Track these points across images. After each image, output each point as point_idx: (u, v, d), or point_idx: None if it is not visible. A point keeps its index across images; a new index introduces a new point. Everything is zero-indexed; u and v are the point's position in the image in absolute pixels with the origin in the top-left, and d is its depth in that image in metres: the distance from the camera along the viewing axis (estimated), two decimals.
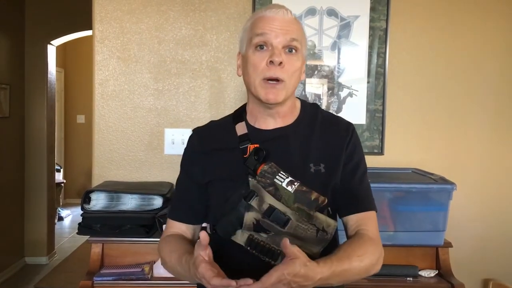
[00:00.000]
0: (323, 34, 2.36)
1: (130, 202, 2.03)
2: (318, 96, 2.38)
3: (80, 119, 7.36)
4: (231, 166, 1.18)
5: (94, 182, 2.34)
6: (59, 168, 6.47)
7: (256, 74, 1.15)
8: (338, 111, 2.37)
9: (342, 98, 2.38)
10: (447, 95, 2.41)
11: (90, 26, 2.37)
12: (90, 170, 2.40)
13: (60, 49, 6.08)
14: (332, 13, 2.35)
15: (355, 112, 2.37)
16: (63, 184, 6.67)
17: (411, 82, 2.40)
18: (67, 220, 6.52)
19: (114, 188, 2.09)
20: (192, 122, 2.36)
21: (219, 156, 1.21)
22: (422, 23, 2.38)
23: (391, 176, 2.15)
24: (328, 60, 2.37)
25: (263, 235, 1.07)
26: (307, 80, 2.37)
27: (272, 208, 1.06)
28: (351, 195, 1.20)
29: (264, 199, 1.07)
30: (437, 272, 2.02)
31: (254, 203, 1.07)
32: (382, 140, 2.38)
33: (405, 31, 2.38)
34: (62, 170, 6.82)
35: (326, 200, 1.09)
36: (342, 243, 1.15)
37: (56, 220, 5.61)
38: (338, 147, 1.19)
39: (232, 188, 1.12)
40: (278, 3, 1.32)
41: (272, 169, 1.10)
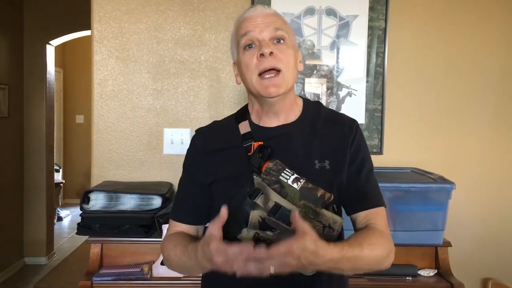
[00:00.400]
0: (322, 34, 2.36)
1: (129, 202, 2.03)
2: (317, 96, 2.38)
3: (79, 119, 7.36)
4: (235, 165, 1.17)
5: (93, 182, 2.34)
6: (58, 168, 6.46)
7: (251, 73, 1.15)
8: (337, 110, 2.37)
9: (341, 98, 2.38)
10: (447, 95, 2.41)
11: (89, 26, 2.37)
12: (89, 170, 2.40)
13: (59, 49, 6.08)
14: (331, 12, 2.35)
15: (354, 111, 2.37)
16: (62, 184, 6.67)
17: (410, 82, 2.40)
18: (66, 220, 6.52)
19: (113, 188, 2.09)
20: (191, 122, 2.36)
21: (223, 155, 1.21)
22: (421, 23, 2.38)
23: (390, 176, 2.15)
24: (327, 59, 2.37)
25: (269, 233, 1.06)
26: (306, 79, 2.37)
27: (277, 206, 1.05)
28: (359, 193, 1.19)
29: (270, 197, 1.07)
30: (436, 271, 2.02)
31: (260, 201, 1.06)
32: (381, 140, 2.38)
33: (404, 30, 2.38)
34: (61, 170, 6.82)
35: (332, 197, 1.09)
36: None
37: (55, 220, 5.61)
38: (342, 144, 1.19)
39: (237, 186, 1.11)
40: (277, 2, 1.33)
41: (277, 166, 1.09)
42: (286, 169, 1.09)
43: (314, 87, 2.38)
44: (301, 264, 0.94)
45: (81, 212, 2.01)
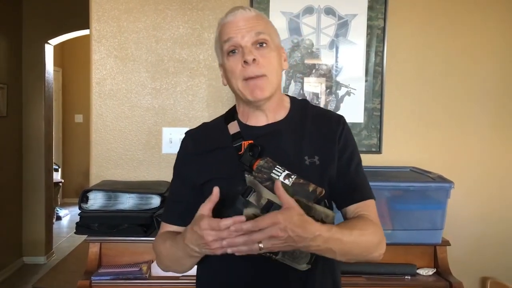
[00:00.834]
0: (321, 33, 2.35)
1: (127, 202, 2.02)
2: (316, 95, 2.38)
3: (78, 118, 7.35)
4: (226, 165, 1.19)
5: (92, 181, 2.34)
6: (57, 167, 6.46)
7: (235, 78, 1.18)
8: (336, 109, 2.37)
9: (340, 97, 2.38)
10: (446, 94, 2.41)
11: (87, 25, 2.36)
12: (88, 170, 2.40)
13: (58, 48, 6.07)
14: (329, 11, 2.35)
15: (353, 110, 2.37)
16: (61, 184, 6.67)
17: (409, 81, 2.40)
18: (65, 220, 6.51)
19: (112, 188, 2.08)
20: (190, 121, 2.35)
21: (213, 156, 1.22)
22: (420, 22, 2.38)
23: (389, 175, 2.15)
24: (326, 58, 2.37)
25: None
26: (305, 79, 2.37)
27: (270, 203, 1.07)
28: (349, 186, 1.21)
29: (262, 194, 1.08)
30: (435, 270, 2.02)
31: (252, 199, 1.08)
32: (380, 139, 2.38)
33: (403, 29, 2.38)
34: (60, 170, 6.81)
35: (323, 191, 1.11)
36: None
37: (54, 220, 5.60)
38: (330, 140, 1.21)
39: (229, 185, 1.12)
40: (276, 2, 1.32)
41: (268, 163, 1.10)
42: (277, 166, 1.10)
43: (313, 86, 2.38)
44: (289, 237, 0.96)
45: (79, 211, 2.01)
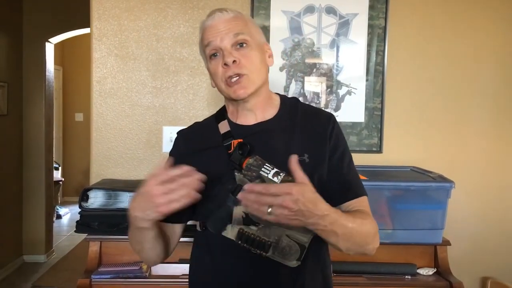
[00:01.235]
0: (322, 32, 2.35)
1: (128, 200, 2.02)
2: (316, 94, 2.37)
3: (79, 117, 7.35)
4: (217, 164, 1.19)
5: (92, 180, 2.33)
6: (57, 166, 6.46)
7: (219, 80, 1.21)
8: (337, 109, 2.37)
9: (340, 96, 2.37)
10: (446, 93, 2.40)
11: (88, 24, 2.36)
12: (89, 168, 2.40)
13: (58, 47, 6.07)
14: (330, 11, 2.35)
15: (353, 110, 2.37)
16: (61, 182, 6.66)
17: (410, 80, 2.40)
18: (65, 218, 6.51)
19: (112, 186, 2.08)
20: (191, 120, 2.34)
21: (204, 155, 1.23)
22: (421, 21, 2.38)
23: (390, 174, 2.15)
24: (327, 58, 2.36)
25: (253, 228, 1.09)
26: (305, 78, 2.36)
27: None
28: (342, 185, 1.22)
29: None
30: (435, 270, 2.01)
31: None
32: (381, 138, 2.38)
33: (404, 29, 2.37)
34: (60, 168, 6.81)
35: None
36: None
37: (54, 218, 5.60)
38: (321, 138, 1.22)
39: (219, 184, 1.14)
40: (277, 1, 1.32)
41: (257, 162, 1.10)
42: (266, 164, 1.10)
43: (314, 86, 2.37)
44: (299, 211, 0.97)
45: (80, 210, 2.01)
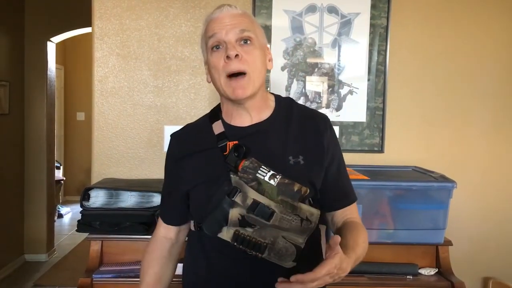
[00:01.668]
0: (324, 32, 2.35)
1: (129, 200, 2.02)
2: (318, 94, 2.37)
3: (80, 116, 7.35)
4: (212, 166, 1.19)
5: (94, 179, 2.33)
6: (59, 165, 6.46)
7: (218, 74, 1.17)
8: (339, 108, 2.37)
9: (342, 96, 2.37)
10: (448, 93, 2.40)
11: (89, 23, 2.36)
12: (90, 168, 2.40)
13: (60, 46, 6.07)
14: (332, 10, 2.34)
15: (355, 109, 2.37)
16: (62, 182, 6.67)
17: (412, 80, 2.39)
18: (67, 218, 6.51)
19: (114, 185, 2.08)
20: (192, 120, 2.30)
21: (199, 157, 1.23)
22: (423, 21, 2.37)
23: (391, 174, 2.15)
24: (329, 57, 2.36)
25: (249, 230, 1.09)
26: (307, 77, 2.36)
27: (256, 203, 1.08)
28: (340, 191, 1.25)
29: (248, 194, 1.09)
30: (437, 270, 2.01)
31: (238, 199, 1.09)
32: (383, 138, 2.38)
33: (406, 28, 2.37)
34: (61, 167, 6.81)
35: (308, 191, 1.12)
36: (340, 230, 1.21)
37: (55, 218, 5.61)
38: (316, 140, 1.22)
39: (215, 186, 1.13)
40: (279, 0, 1.32)
41: (253, 164, 1.11)
42: (262, 166, 1.11)
43: (315, 85, 2.37)
44: (334, 280, 1.01)
45: (81, 209, 2.01)
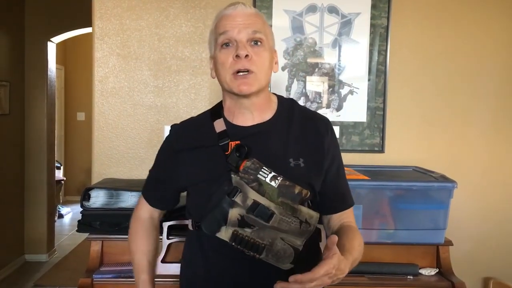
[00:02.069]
0: (324, 32, 2.35)
1: (129, 200, 2.02)
2: (318, 94, 2.37)
3: (80, 116, 7.35)
4: (213, 164, 1.19)
5: (94, 179, 2.33)
6: (59, 165, 6.46)
7: (225, 71, 1.17)
8: (339, 108, 2.37)
9: (342, 96, 2.37)
10: (449, 93, 2.40)
11: (90, 23, 2.36)
12: (90, 168, 2.40)
13: (60, 46, 6.07)
14: (333, 10, 2.34)
15: (355, 109, 2.36)
16: (63, 182, 6.67)
17: (412, 80, 2.39)
18: (67, 218, 6.51)
19: (114, 186, 2.08)
20: None
21: (199, 153, 1.22)
22: (423, 21, 2.37)
23: (392, 174, 2.14)
24: (329, 57, 2.36)
25: (248, 230, 1.09)
26: (307, 77, 2.36)
27: (256, 204, 1.08)
28: (337, 196, 1.26)
29: (248, 195, 1.09)
30: (437, 270, 2.01)
31: (238, 199, 1.09)
32: (383, 138, 2.38)
33: (406, 28, 2.37)
34: (62, 168, 6.81)
35: (308, 193, 1.12)
36: (336, 234, 1.20)
37: (56, 218, 5.60)
38: (317, 143, 1.22)
39: (215, 185, 1.13)
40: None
41: (255, 165, 1.11)
42: (264, 167, 1.12)
43: (316, 85, 2.37)
44: (333, 281, 1.02)
45: (81, 209, 2.01)
